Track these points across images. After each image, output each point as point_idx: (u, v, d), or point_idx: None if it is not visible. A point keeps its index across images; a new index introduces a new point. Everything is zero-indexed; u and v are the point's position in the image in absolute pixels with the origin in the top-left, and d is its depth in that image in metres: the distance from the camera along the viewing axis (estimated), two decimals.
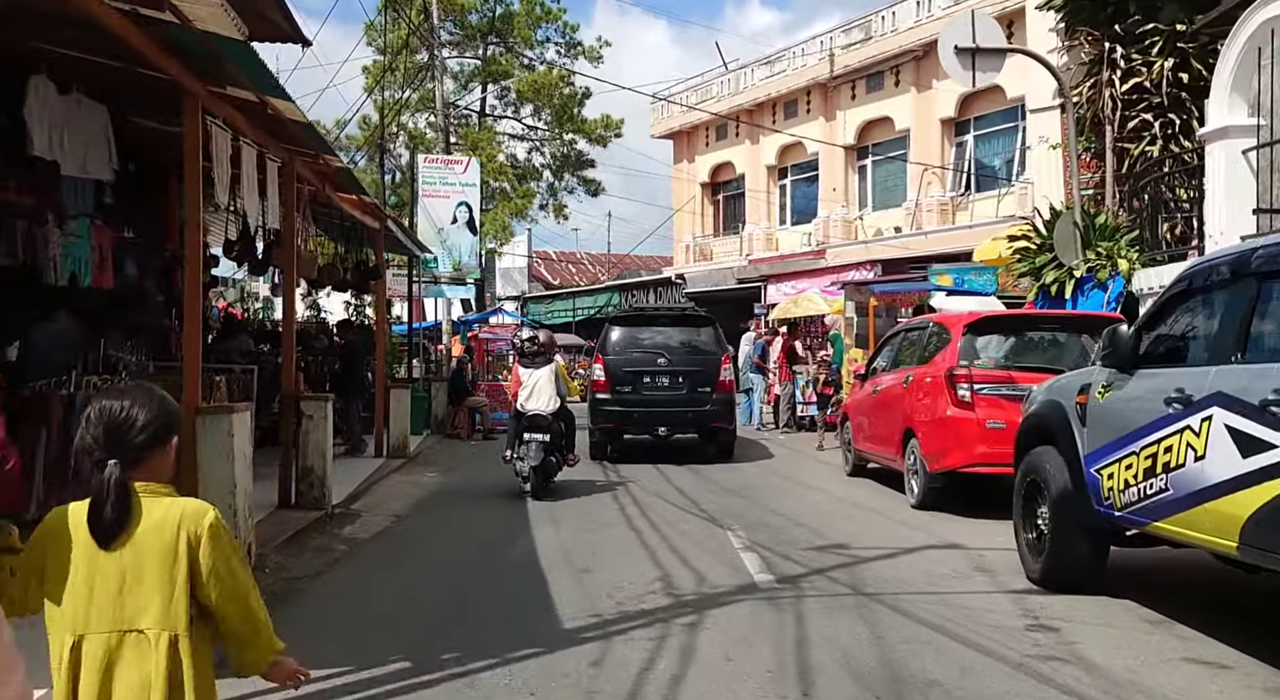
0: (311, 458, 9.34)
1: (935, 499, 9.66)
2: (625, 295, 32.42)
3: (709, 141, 34.45)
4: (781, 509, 10.10)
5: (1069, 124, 12.06)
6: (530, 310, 37.34)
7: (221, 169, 7.57)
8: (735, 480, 12.30)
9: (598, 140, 36.89)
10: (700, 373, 13.10)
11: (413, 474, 12.87)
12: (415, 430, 17.14)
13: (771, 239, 32.12)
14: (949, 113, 26.30)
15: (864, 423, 11.63)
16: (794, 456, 14.87)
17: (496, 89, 37.53)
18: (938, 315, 10.71)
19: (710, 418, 13.40)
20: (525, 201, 35.67)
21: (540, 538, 8.72)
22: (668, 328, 13.68)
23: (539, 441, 10.28)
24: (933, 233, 25.24)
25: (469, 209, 19.64)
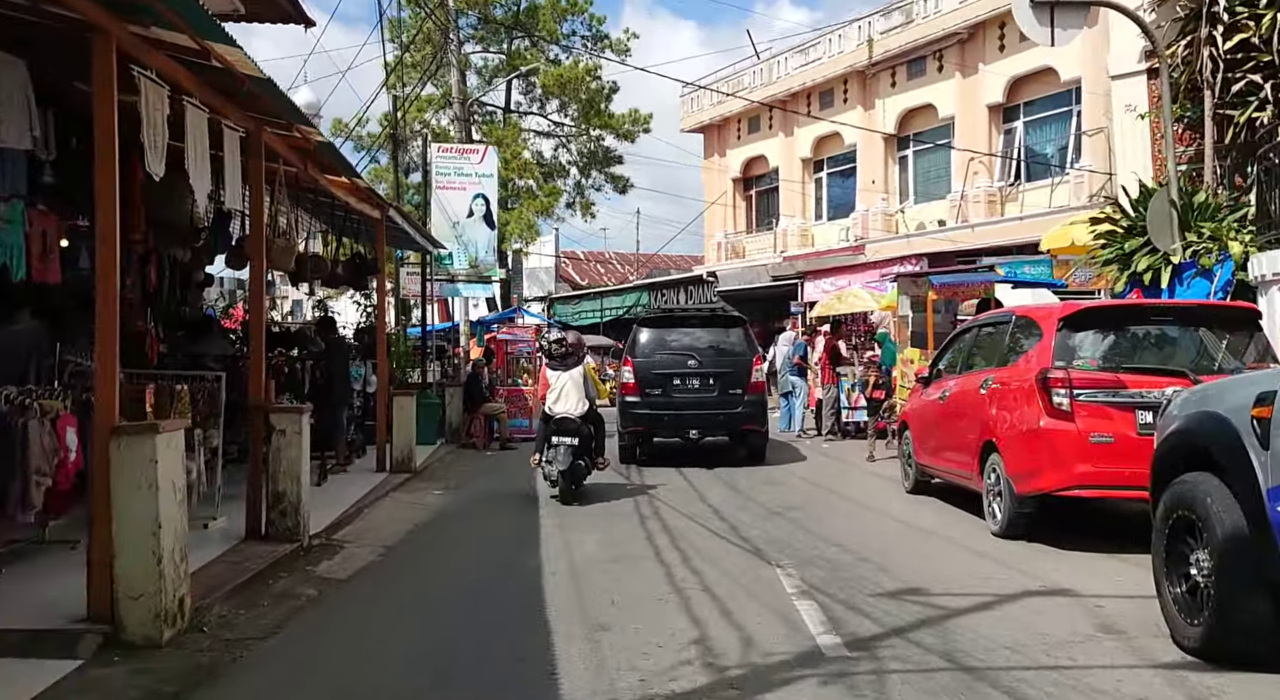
0: (284, 481, 7.84)
1: (1023, 526, 8.01)
2: (655, 295, 30.84)
3: (741, 135, 32.79)
4: (836, 535, 8.48)
5: (1163, 88, 10.33)
6: (557, 311, 35.84)
7: (153, 132, 6.08)
8: (778, 498, 10.70)
9: (625, 136, 35.42)
10: (731, 374, 12.55)
11: (415, 492, 11.36)
12: (428, 440, 15.68)
13: (807, 235, 30.44)
14: (996, 98, 24.52)
15: (929, 433, 9.98)
16: (842, 468, 13.22)
17: (521, 84, 36.13)
18: (1022, 307, 9.05)
19: (742, 420, 12.80)
20: (551, 199, 34.22)
21: (552, 576, 7.17)
22: (697, 329, 13.16)
23: (567, 445, 9.93)
24: (980, 225, 23.47)
25: (486, 202, 18.17)
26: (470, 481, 12.46)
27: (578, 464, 10.10)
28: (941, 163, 26.83)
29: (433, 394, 16.03)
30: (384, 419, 12.30)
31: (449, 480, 12.42)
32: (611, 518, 9.62)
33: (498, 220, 34.76)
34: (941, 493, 10.30)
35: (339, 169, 9.74)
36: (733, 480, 12.25)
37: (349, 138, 24.58)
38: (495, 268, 18.94)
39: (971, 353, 9.31)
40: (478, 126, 35.61)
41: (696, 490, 11.46)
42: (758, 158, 32.24)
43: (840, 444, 15.75)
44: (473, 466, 14.02)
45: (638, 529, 9.03)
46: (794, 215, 30.50)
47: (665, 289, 30.27)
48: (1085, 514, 8.55)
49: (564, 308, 35.67)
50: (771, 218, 32.00)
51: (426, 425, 15.78)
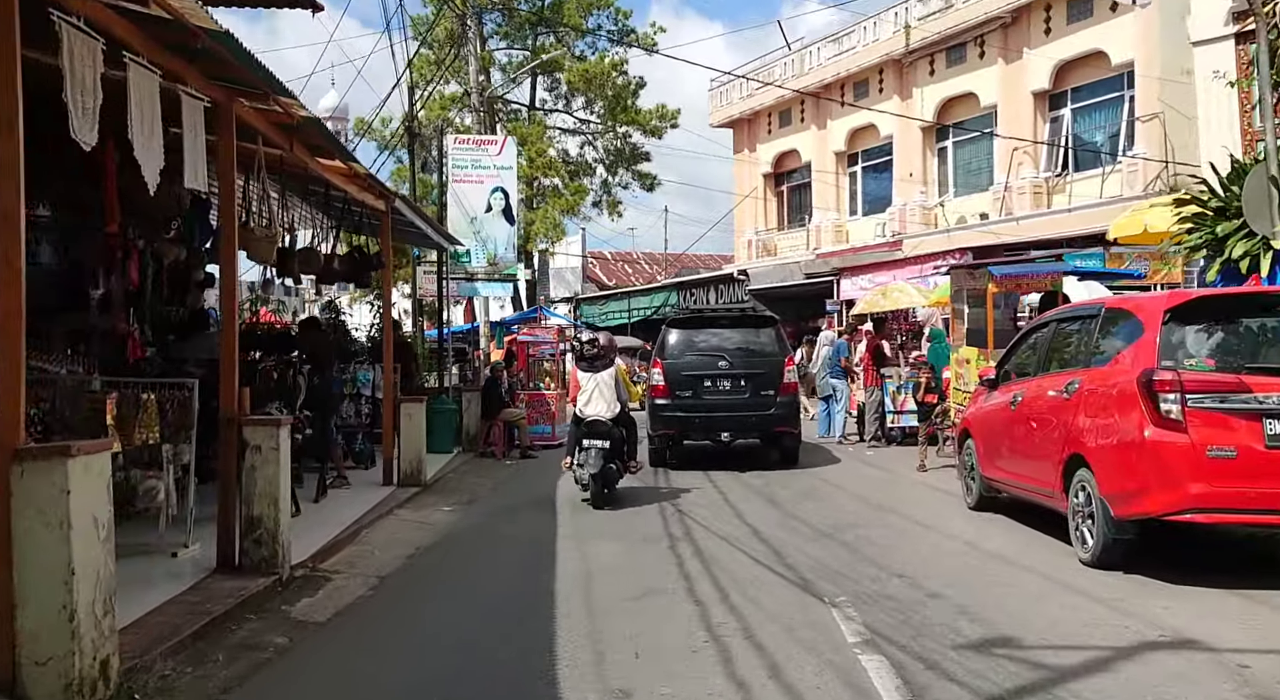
0: (259, 504, 6.74)
1: (1119, 555, 6.76)
2: (683, 294, 29.64)
3: (771, 128, 31.53)
4: (897, 563, 7.28)
5: (1259, 51, 9.00)
6: (583, 312, 34.72)
7: (80, 92, 5.00)
8: (823, 514, 9.50)
9: (652, 132, 34.28)
10: (763, 375, 12.19)
11: (422, 509, 10.25)
12: (444, 448, 14.61)
13: (841, 231, 29.13)
14: (1042, 84, 23.13)
15: (997, 444, 8.74)
16: (890, 479, 11.97)
17: (546, 81, 35.10)
18: (1114, 298, 7.80)
19: (775, 422, 12.40)
20: (577, 198, 33.14)
21: (566, 618, 6.02)
22: (728, 329, 12.81)
23: (598, 448, 9.66)
24: (1025, 218, 22.09)
25: (505, 196, 17.05)
26: (484, 496, 11.33)
27: (609, 467, 9.77)
28: (983, 153, 25.45)
29: (448, 399, 14.96)
30: (390, 428, 11.22)
31: (461, 495, 11.31)
32: (638, 541, 8.46)
33: (521, 219, 33.87)
34: (1010, 510, 9.04)
35: (332, 151, 8.65)
36: (770, 492, 11.07)
37: (366, 135, 23.63)
38: (515, 265, 17.78)
39: (1049, 351, 8.05)
40: (502, 124, 34.62)
41: (731, 504, 10.30)
42: (789, 152, 30.97)
43: (885, 451, 14.49)
44: (489, 478, 12.90)
45: (667, 555, 7.86)
46: (827, 210, 29.21)
47: (694, 288, 29.07)
48: (1191, 539, 7.30)
49: (591, 308, 34.55)
50: (804, 214, 30.72)
51: (442, 433, 14.72)
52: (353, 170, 9.38)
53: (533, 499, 11.06)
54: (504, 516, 10.03)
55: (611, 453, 9.76)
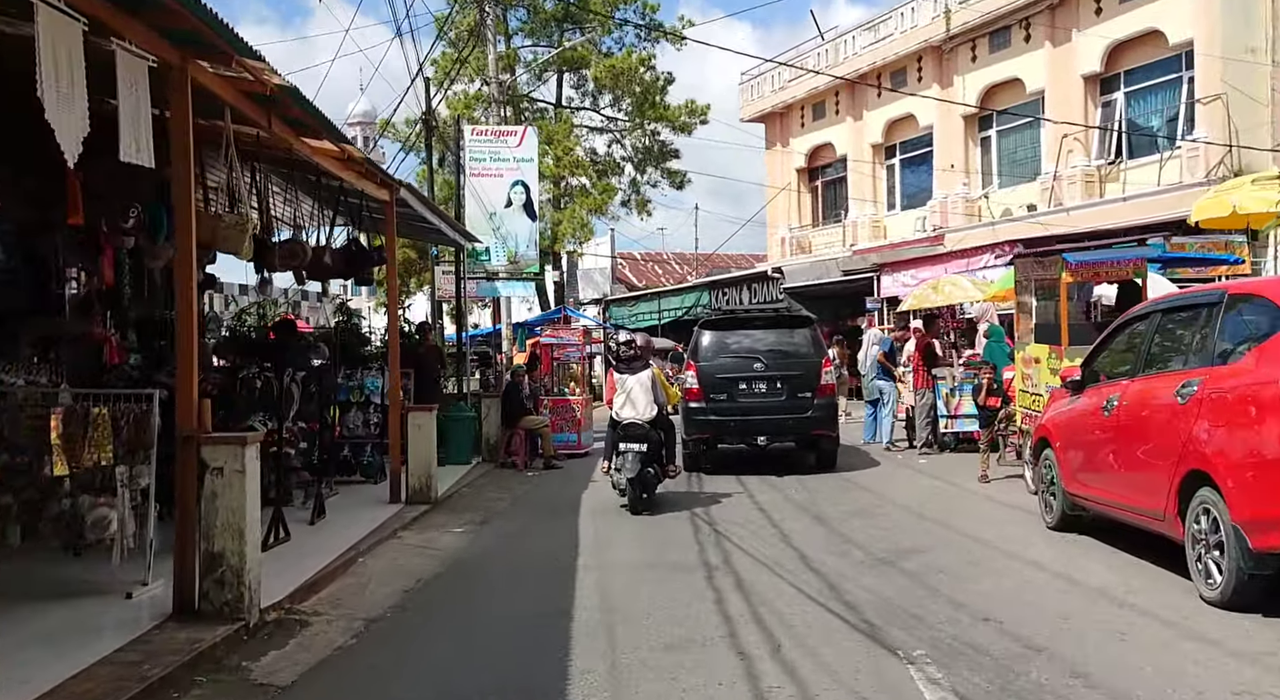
0: (221, 538, 5.65)
1: (1256, 594, 5.50)
2: (716, 294, 28.42)
3: (805, 122, 30.25)
4: (979, 601, 6.06)
5: None
6: (612, 313, 33.56)
7: None
8: (880, 534, 8.29)
9: (682, 128, 33.07)
10: (800, 377, 11.79)
11: (429, 530, 9.12)
12: (462, 459, 13.53)
13: (879, 226, 27.79)
14: (1093, 67, 21.71)
15: (1086, 455, 7.48)
16: (950, 492, 10.71)
17: (573, 78, 34.03)
18: (1241, 284, 6.54)
19: (812, 425, 11.93)
20: (605, 197, 32.01)
21: (582, 676, 4.87)
22: (763, 330, 12.36)
23: (635, 452, 9.32)
24: (1076, 209, 20.69)
25: (526, 189, 15.91)
26: (500, 514, 10.19)
27: (646, 471, 9.43)
28: (1030, 142, 24.06)
29: (466, 407, 13.86)
30: (397, 440, 10.13)
31: (474, 513, 10.18)
32: (669, 570, 7.28)
33: (548, 219, 32.82)
34: (1098, 530, 7.77)
35: (319, 130, 7.56)
36: (816, 507, 9.88)
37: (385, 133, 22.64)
38: (537, 263, 16.62)
39: (1153, 348, 6.78)
40: (527, 122, 33.56)
41: (774, 522, 9.11)
42: (824, 145, 29.67)
43: (938, 459, 13.21)
44: (507, 492, 11.76)
45: (704, 589, 6.68)
46: (864, 205, 27.89)
47: (727, 287, 27.84)
48: None
49: (620, 310, 33.38)
50: (840, 209, 29.41)
51: (460, 443, 13.65)
52: (346, 153, 8.29)
53: (553, 517, 9.93)
54: (519, 540, 8.90)
55: (649, 457, 9.40)
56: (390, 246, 10.14)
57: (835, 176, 29.86)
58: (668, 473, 9.94)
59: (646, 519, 9.51)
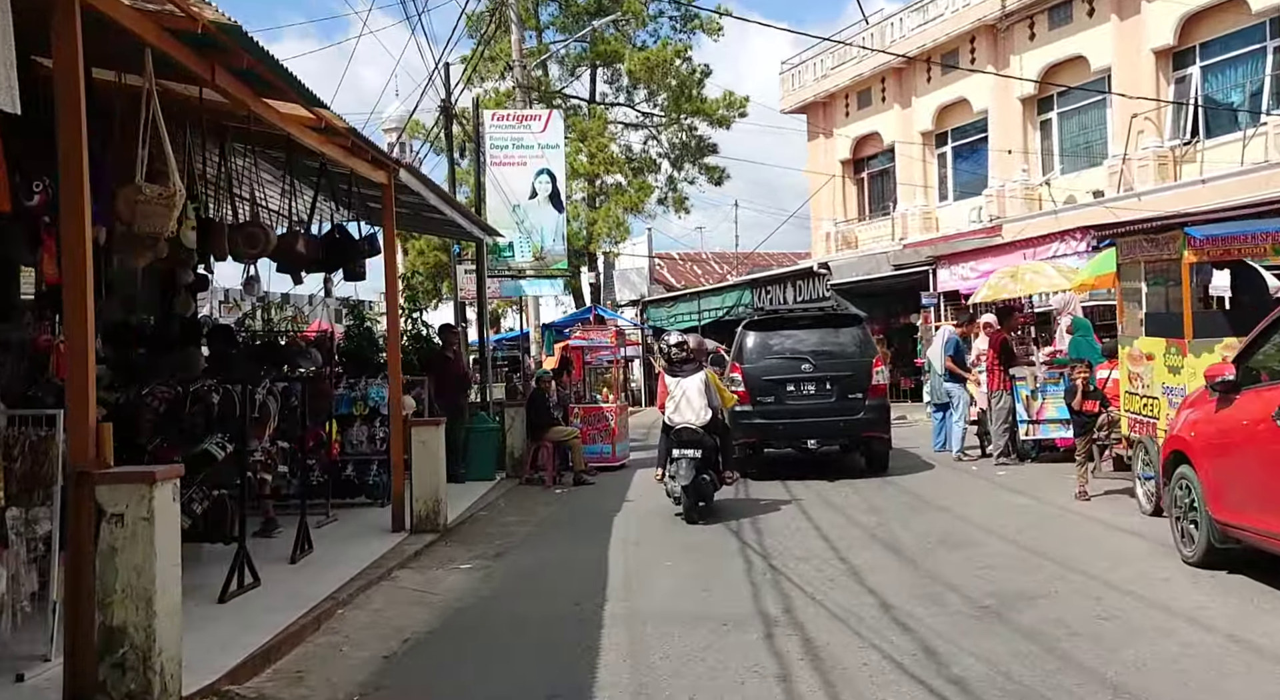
0: (122, 607, 4.20)
1: None
2: (758, 292, 26.76)
3: (849, 111, 28.52)
4: (1134, 680, 4.44)
5: None
6: (650, 315, 31.99)
7: None
8: (977, 573, 6.67)
9: (720, 122, 31.47)
10: (850, 378, 11.33)
11: (432, 567, 7.63)
12: (484, 474, 12.09)
13: (930, 218, 26.02)
14: (1165, 41, 19.85)
15: (1241, 475, 5.84)
16: (1045, 513, 9.02)
17: (606, 72, 32.58)
18: None
19: (863, 426, 11.41)
20: (641, 194, 30.51)
21: None
22: (810, 330, 11.80)
23: (689, 458, 8.90)
24: (1149, 193, 18.79)
25: (552, 179, 14.38)
26: (519, 544, 8.68)
27: (702, 479, 8.95)
28: (1095, 123, 22.20)
29: (489, 418, 12.40)
30: (399, 459, 8.67)
31: (489, 542, 8.67)
32: (718, 626, 5.70)
33: (583, 218, 31.37)
34: (1256, 568, 6.11)
35: (283, 88, 6.11)
36: (887, 529, 8.35)
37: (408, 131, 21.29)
38: (565, 260, 15.06)
39: None
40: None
41: (840, 552, 7.56)
42: (870, 135, 27.93)
43: (1018, 470, 11.53)
44: (530, 515, 10.26)
45: (764, 657, 5.11)
46: (914, 198, 26.13)
47: (770, 285, 26.17)
48: None
49: (658, 311, 31.78)
50: (887, 202, 27.65)
51: (483, 457, 12.22)
52: (322, 120, 6.82)
53: (580, 546, 8.42)
54: (537, 579, 7.38)
55: (704, 463, 8.94)
56: (389, 237, 8.69)
57: (882, 167, 28.13)
58: (724, 479, 9.40)
59: (689, 549, 8.01)
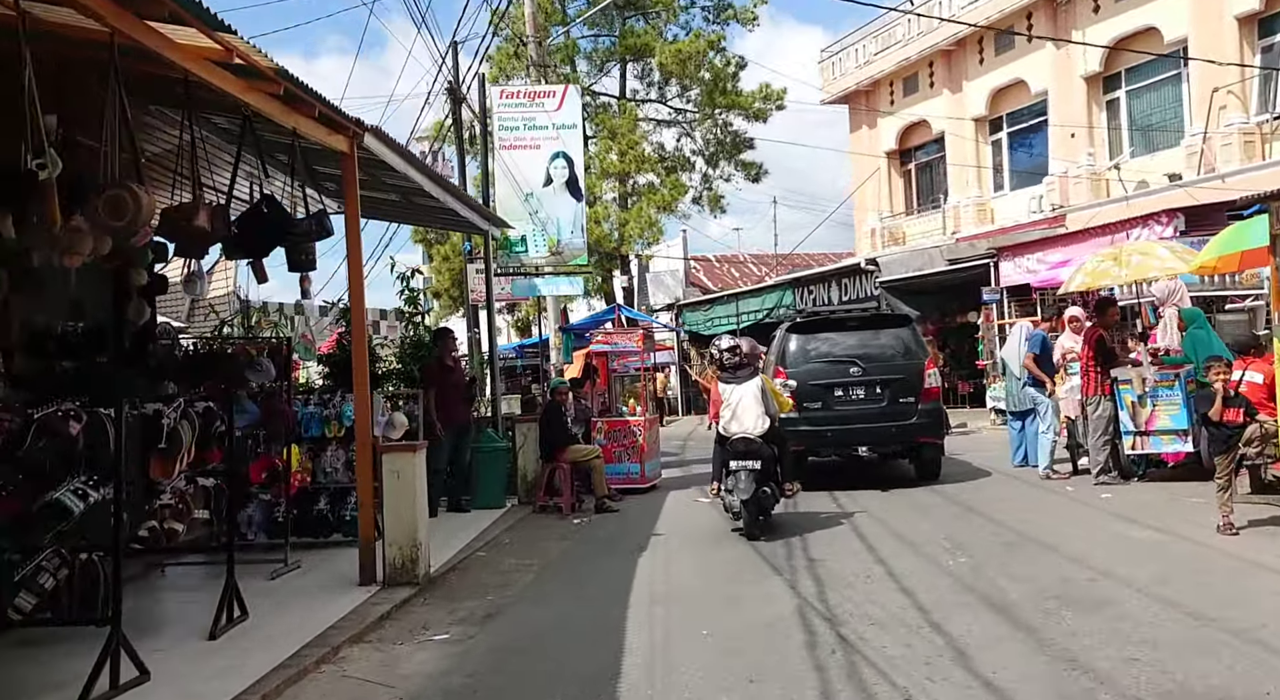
0: None
1: None
2: (800, 292, 24.76)
3: (895, 98, 26.48)
4: None
5: None
6: (685, 318, 30.06)
7: None
8: (1134, 656, 4.73)
9: (756, 115, 29.55)
10: (902, 380, 10.65)
11: (393, 643, 5.75)
12: (493, 501, 10.32)
13: (984, 210, 23.94)
14: (1249, 6, 17.76)
15: None
16: (1180, 552, 7.01)
17: (636, 67, 30.82)
18: None
19: (917, 432, 10.72)
20: (675, 193, 28.66)
21: None
22: (857, 331, 11.10)
23: (748, 470, 8.12)
24: (1234, 174, 16.64)
25: (569, 164, 12.49)
26: (516, 598, 6.82)
27: (763, 491, 8.28)
28: (1169, 101, 20.03)
29: (496, 436, 10.60)
30: (367, 494, 6.87)
31: (479, 597, 6.82)
32: None
33: (614, 219, 29.59)
34: None
35: (178, 9, 4.35)
36: (985, 577, 6.44)
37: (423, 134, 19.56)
38: (585, 254, 13.13)
39: None
40: (589, 118, 30.53)
41: (929, 615, 5.65)
42: (917, 124, 25.89)
43: (1126, 491, 9.50)
44: (537, 555, 8.37)
45: None
46: (966, 188, 24.05)
47: (813, 284, 24.16)
48: None
49: (694, 315, 29.85)
50: (937, 194, 25.58)
51: (491, 482, 10.45)
52: (234, 52, 5.06)
53: (593, 600, 6.58)
54: (531, 656, 5.51)
55: (764, 474, 8.29)
56: (351, 218, 6.92)
57: (931, 157, 26.07)
58: (785, 491, 8.65)
59: (732, 605, 6.16)
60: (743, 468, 8.14)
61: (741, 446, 8.21)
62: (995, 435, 16.39)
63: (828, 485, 10.66)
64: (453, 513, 10.20)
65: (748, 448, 8.19)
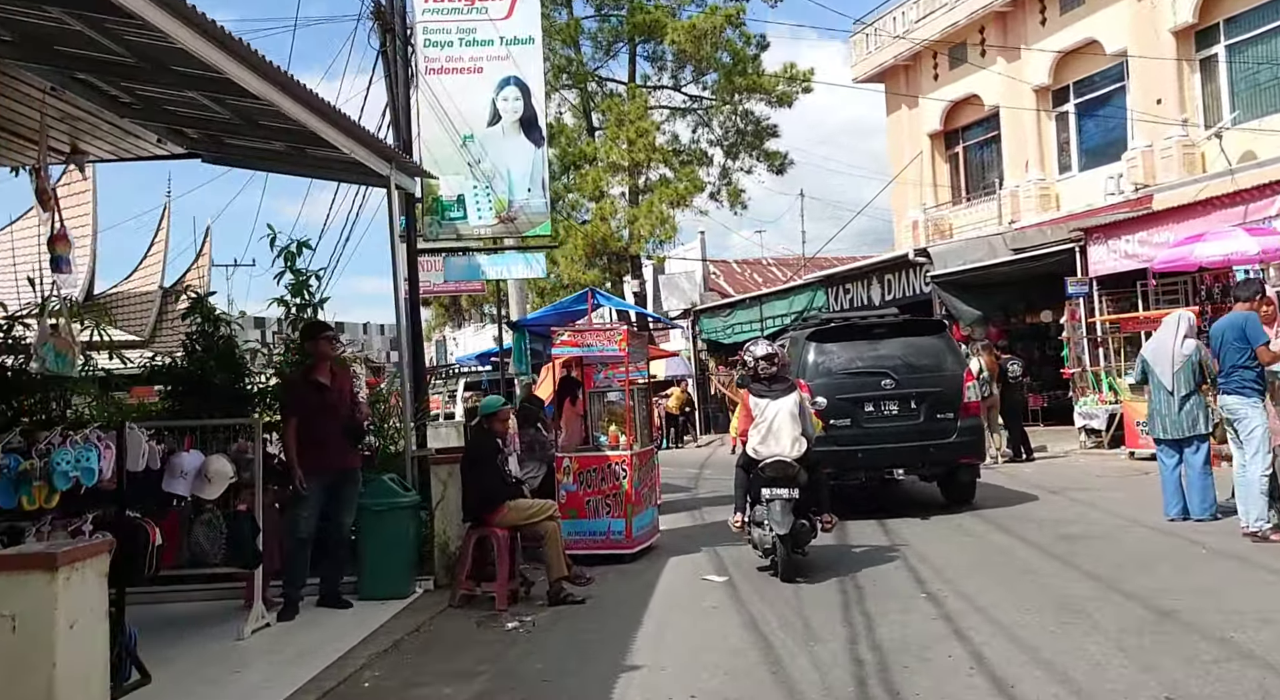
0: None
1: None
2: (834, 292, 20.77)
3: (939, 72, 22.49)
4: None
5: None
6: (703, 326, 26.05)
7: None
8: None
9: (781, 99, 25.70)
10: (938, 394, 9.12)
11: None
12: (393, 589, 6.55)
13: (1048, 195, 19.92)
14: None
15: None
16: None
17: (647, 49, 27.07)
18: None
19: (957, 451, 9.19)
20: (690, 186, 24.83)
21: None
22: (887, 340, 9.54)
23: (784, 499, 6.69)
24: None
25: (524, 94, 8.37)
26: None
27: (800, 525, 6.69)
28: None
29: (398, 486, 6.67)
30: None
31: None
32: None
33: (623, 216, 25.83)
34: None
35: None
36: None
37: None
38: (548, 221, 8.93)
39: None
40: (596, 106, 26.81)
41: None
42: (966, 99, 21.89)
43: None
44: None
45: None
46: (1025, 170, 20.02)
47: (849, 282, 20.13)
48: None
49: (712, 321, 25.82)
50: (991, 179, 21.55)
51: (389, 556, 6.61)
52: None
53: None
54: None
55: (802, 505, 6.74)
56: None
57: (983, 137, 22.06)
58: (824, 524, 7.01)
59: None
60: (777, 497, 6.75)
61: (776, 471, 6.84)
62: (1090, 462, 12.44)
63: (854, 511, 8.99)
64: (325, 608, 6.34)
65: (784, 473, 6.82)
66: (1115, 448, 13.07)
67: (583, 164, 25.51)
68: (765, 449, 6.87)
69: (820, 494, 7.09)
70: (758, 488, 6.86)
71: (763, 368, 7.03)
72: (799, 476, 6.81)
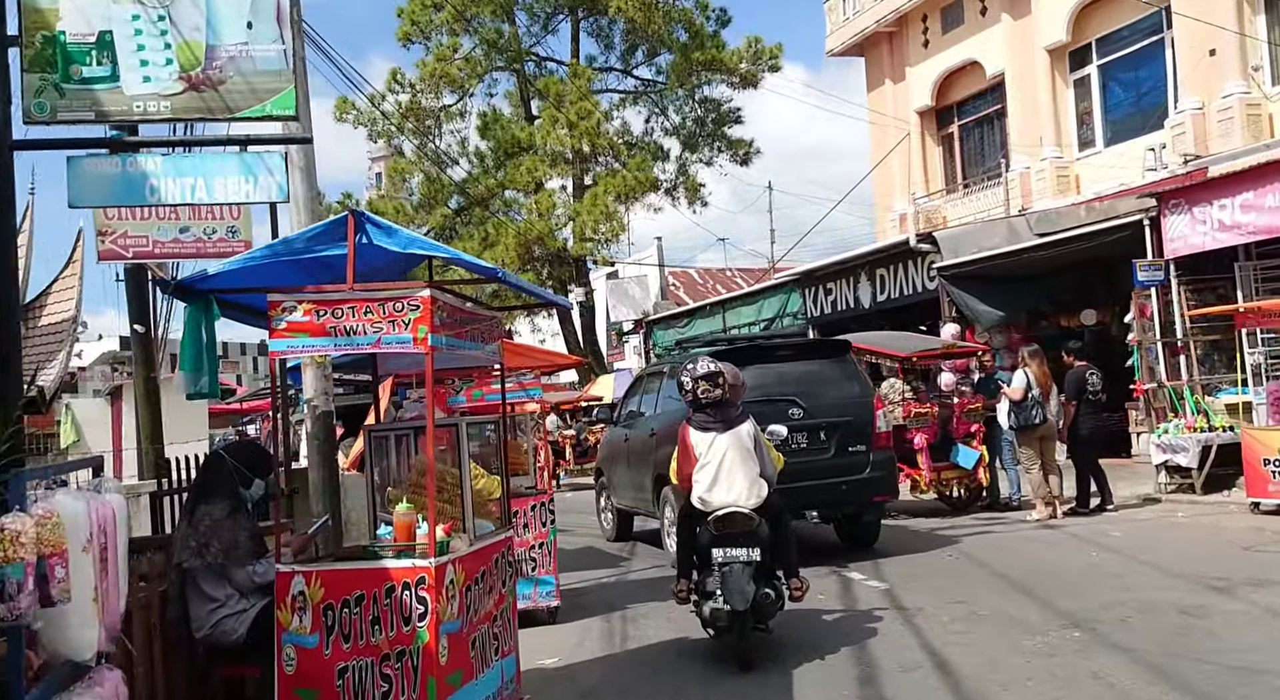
0: None
1: None
2: (812, 293, 16.69)
3: (930, 38, 18.62)
4: None
5: None
6: (657, 339, 21.81)
7: None
8: None
9: (745, 80, 21.87)
10: (849, 425, 8.02)
11: None
12: None
13: (1066, 175, 16.06)
14: None
15: None
16: None
17: (591, 25, 23.14)
18: None
19: (872, 488, 8.08)
20: (640, 177, 20.82)
21: None
22: (793, 363, 8.36)
23: (742, 562, 5.16)
24: None
25: None
26: None
27: (764, 594, 5.12)
28: None
29: None
30: None
31: None
32: None
33: (566, 209, 21.77)
34: None
35: None
36: None
37: None
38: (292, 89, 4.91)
39: None
40: (535, 91, 22.79)
41: None
42: (964, 67, 18.03)
43: None
44: None
45: None
46: (1038, 146, 16.15)
47: (833, 280, 16.00)
48: None
49: (667, 333, 21.47)
50: (995, 159, 17.66)
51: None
52: None
53: None
54: None
55: (763, 567, 5.23)
56: None
57: (984, 112, 18.17)
58: (791, 591, 5.34)
59: None
60: (733, 560, 5.14)
61: (730, 526, 5.22)
62: (1203, 518, 8.36)
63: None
64: None
65: (741, 528, 5.21)
66: (1212, 493, 9.09)
67: (518, 153, 21.46)
68: (715, 497, 5.39)
69: (787, 552, 5.61)
70: (707, 547, 5.38)
71: (704, 391, 5.39)
72: (760, 531, 5.33)
